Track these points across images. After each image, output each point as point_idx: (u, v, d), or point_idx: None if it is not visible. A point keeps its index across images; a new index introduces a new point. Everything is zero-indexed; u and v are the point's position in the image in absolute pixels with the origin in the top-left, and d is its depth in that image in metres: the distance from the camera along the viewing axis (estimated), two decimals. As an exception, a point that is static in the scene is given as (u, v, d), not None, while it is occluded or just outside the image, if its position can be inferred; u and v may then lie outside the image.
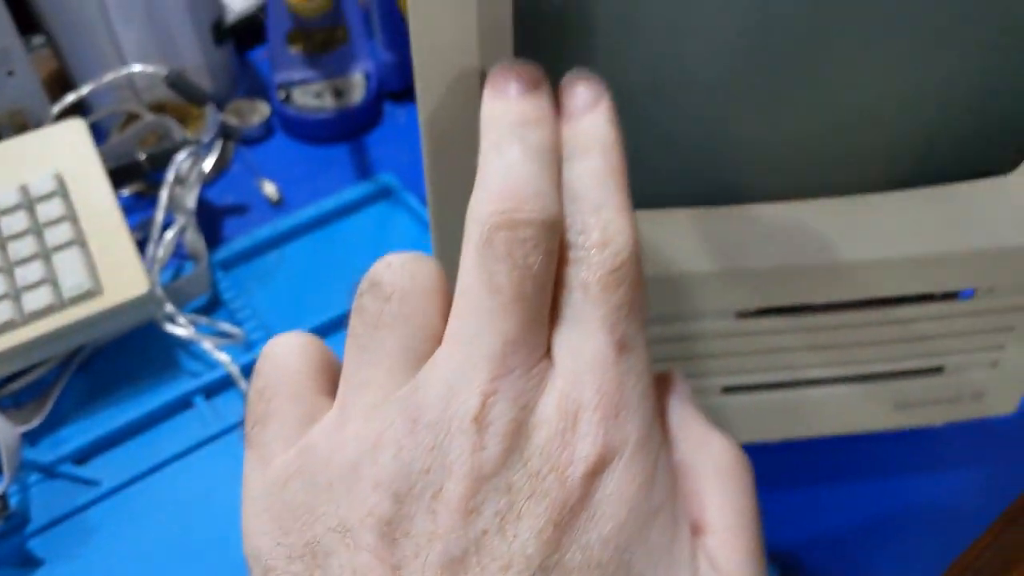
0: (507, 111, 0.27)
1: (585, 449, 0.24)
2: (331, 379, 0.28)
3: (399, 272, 0.26)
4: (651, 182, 0.27)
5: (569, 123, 0.28)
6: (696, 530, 0.26)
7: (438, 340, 0.25)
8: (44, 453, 0.57)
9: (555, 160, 0.27)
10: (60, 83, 0.78)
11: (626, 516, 0.24)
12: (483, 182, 0.26)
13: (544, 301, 0.25)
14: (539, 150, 0.26)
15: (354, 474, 0.24)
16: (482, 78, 0.32)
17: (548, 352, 0.25)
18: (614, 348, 0.25)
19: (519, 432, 0.24)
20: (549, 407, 0.24)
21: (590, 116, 0.28)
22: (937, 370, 0.48)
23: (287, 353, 0.28)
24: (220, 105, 0.78)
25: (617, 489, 0.24)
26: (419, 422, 0.24)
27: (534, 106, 0.27)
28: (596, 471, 0.24)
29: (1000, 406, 0.50)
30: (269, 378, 0.27)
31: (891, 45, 0.37)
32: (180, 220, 0.67)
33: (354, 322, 0.26)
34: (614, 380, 0.25)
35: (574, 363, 0.25)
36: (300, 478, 0.25)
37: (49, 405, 0.59)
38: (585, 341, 0.25)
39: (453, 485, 0.23)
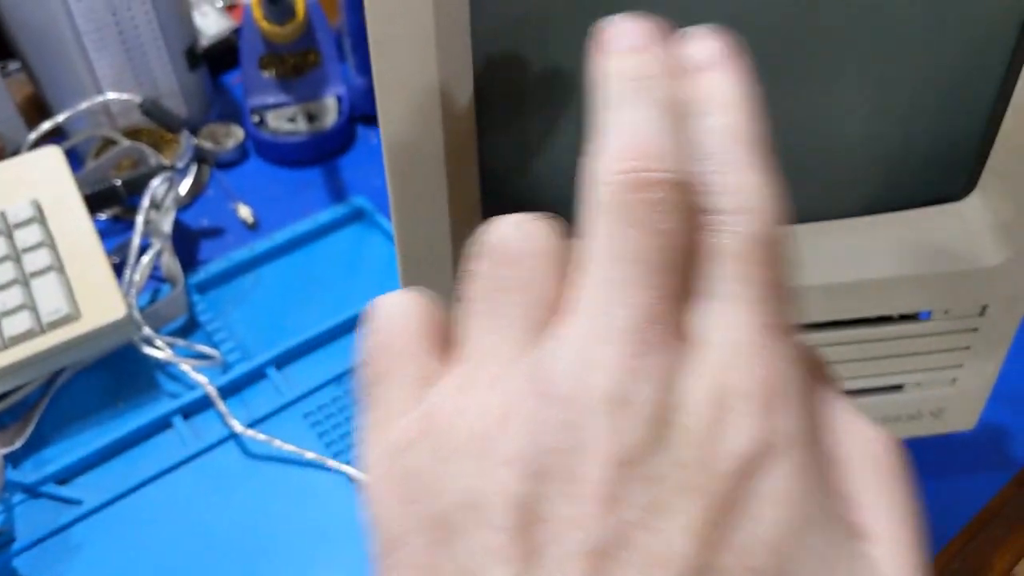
0: (626, 66, 0.25)
1: (739, 441, 0.21)
2: (443, 338, 0.26)
3: (514, 235, 0.24)
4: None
5: (695, 78, 0.25)
6: (852, 533, 0.23)
7: (555, 307, 0.23)
8: (27, 474, 0.58)
9: (680, 116, 0.24)
10: (36, 107, 0.78)
11: (786, 518, 0.21)
12: (605, 141, 0.23)
13: (680, 271, 0.22)
14: (664, 105, 0.24)
15: (481, 447, 0.22)
16: (442, 91, 0.33)
17: (685, 328, 0.22)
18: (766, 331, 0.22)
19: (662, 417, 0.21)
20: (696, 393, 0.21)
21: (719, 71, 0.25)
22: (897, 388, 0.49)
23: (397, 313, 0.26)
24: (194, 129, 0.79)
25: (775, 488, 0.21)
26: (549, 396, 0.21)
27: (655, 59, 0.25)
28: (752, 467, 0.21)
29: (959, 423, 0.52)
30: (379, 338, 0.26)
31: (852, 78, 0.39)
32: (156, 244, 0.68)
33: (469, 289, 0.24)
34: (768, 367, 0.22)
35: (721, 345, 0.22)
36: (422, 443, 0.23)
37: (31, 427, 0.60)
38: (732, 321, 0.22)
39: (590, 469, 0.21)
